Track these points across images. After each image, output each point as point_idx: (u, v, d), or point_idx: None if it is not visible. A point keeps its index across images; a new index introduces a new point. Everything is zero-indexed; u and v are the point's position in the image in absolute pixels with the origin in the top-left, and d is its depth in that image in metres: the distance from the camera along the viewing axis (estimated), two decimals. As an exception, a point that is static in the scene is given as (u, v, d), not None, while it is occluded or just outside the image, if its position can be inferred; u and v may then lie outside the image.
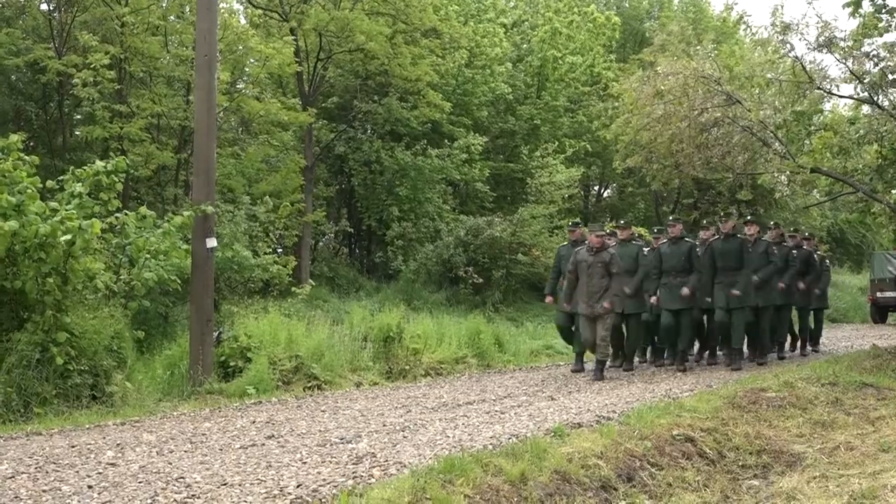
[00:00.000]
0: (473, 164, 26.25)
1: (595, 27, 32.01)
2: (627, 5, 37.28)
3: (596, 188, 36.23)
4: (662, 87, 14.72)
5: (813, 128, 15.43)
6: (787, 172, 16.20)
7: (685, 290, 13.61)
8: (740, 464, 8.29)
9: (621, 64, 32.13)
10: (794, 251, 15.62)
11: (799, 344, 16.75)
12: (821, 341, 17.60)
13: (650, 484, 7.40)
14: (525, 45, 31.19)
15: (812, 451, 8.62)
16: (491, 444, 7.34)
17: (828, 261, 17.06)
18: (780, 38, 14.70)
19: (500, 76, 28.38)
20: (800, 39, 14.63)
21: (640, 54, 31.51)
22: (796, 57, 14.90)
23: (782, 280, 14.87)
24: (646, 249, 14.22)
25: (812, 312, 17.01)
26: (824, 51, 14.41)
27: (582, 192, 32.01)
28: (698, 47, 15.83)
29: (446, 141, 26.13)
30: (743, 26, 35.96)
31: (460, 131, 26.64)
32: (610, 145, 29.15)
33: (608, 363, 13.39)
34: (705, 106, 14.55)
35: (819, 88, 14.94)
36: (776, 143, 15.16)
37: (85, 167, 11.20)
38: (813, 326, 17.16)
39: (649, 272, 13.95)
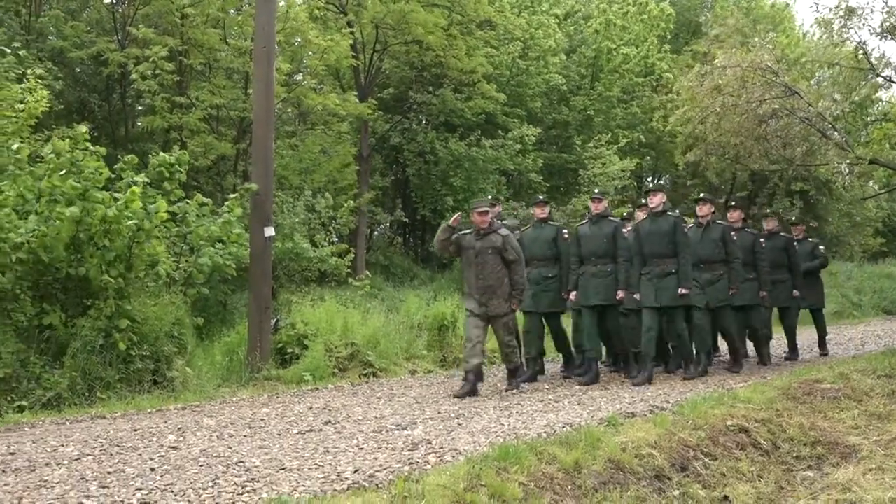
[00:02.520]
0: (527, 155, 26.14)
1: (649, 18, 31.71)
2: (682, -4, 36.93)
3: (649, 179, 35.91)
4: (720, 82, 14.51)
5: (871, 118, 15.15)
6: (847, 163, 15.83)
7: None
8: (794, 455, 8.19)
9: (675, 55, 31.90)
10: (763, 239, 12.85)
11: (788, 348, 13.91)
12: (858, 339, 16.25)
13: (704, 474, 7.34)
14: (579, 37, 30.99)
15: (868, 443, 8.49)
16: (545, 432, 7.31)
17: (822, 247, 14.62)
18: (843, 23, 14.37)
19: (554, 67, 28.22)
20: (863, 25, 14.12)
21: (694, 45, 31.34)
22: (859, 42, 14.58)
23: (752, 274, 12.37)
24: (625, 231, 11.34)
25: (813, 313, 14.59)
26: (888, 37, 14.07)
27: (635, 183, 31.70)
28: (756, 39, 15.57)
29: (500, 131, 26.02)
30: (811, 7, 35.43)
31: (514, 122, 26.53)
32: (664, 137, 29.01)
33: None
34: (763, 98, 14.30)
35: (879, 76, 14.65)
36: (835, 134, 14.86)
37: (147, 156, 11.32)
38: (805, 328, 14.88)
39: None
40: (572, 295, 11.09)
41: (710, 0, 36.85)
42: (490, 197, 12.61)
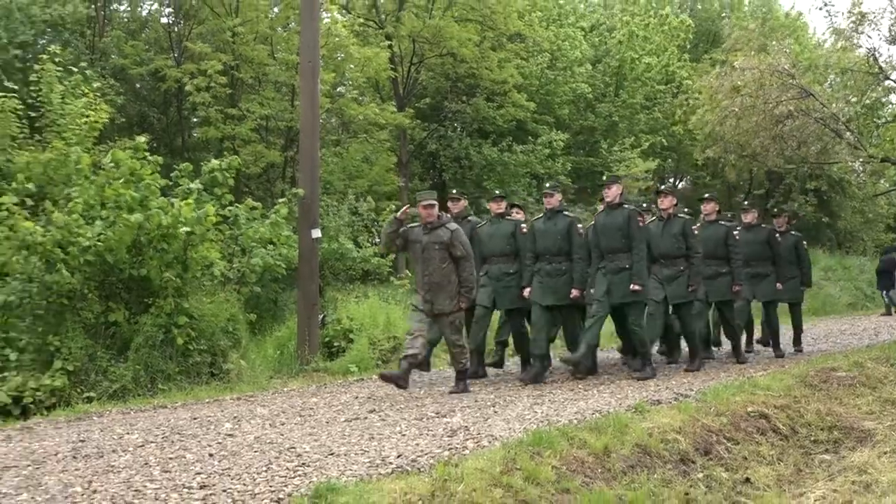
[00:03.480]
0: (556, 159, 26.08)
1: (670, 29, 31.55)
2: (700, 7, 36.65)
3: (671, 180, 35.70)
4: (739, 83, 14.39)
5: (882, 120, 14.97)
6: (859, 161, 15.65)
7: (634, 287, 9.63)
8: (812, 439, 8.13)
9: (694, 63, 31.75)
10: (737, 232, 11.59)
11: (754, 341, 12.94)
12: (871, 329, 15.07)
13: (726, 457, 7.30)
14: (603, 48, 30.89)
15: (882, 427, 8.41)
16: (575, 419, 7.30)
17: (805, 242, 13.19)
18: (855, 28, 14.24)
19: (580, 76, 28.14)
20: (873, 29, 13.96)
21: (713, 53, 31.13)
22: (870, 48, 14.43)
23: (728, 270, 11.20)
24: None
25: (790, 308, 13.14)
26: (896, 44, 13.93)
27: (657, 184, 31.56)
28: (774, 43, 15.44)
29: (530, 137, 25.99)
30: (825, 14, 35.19)
31: (543, 128, 26.49)
32: (684, 140, 28.88)
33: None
34: (780, 99, 14.15)
35: (888, 79, 14.48)
36: (848, 135, 14.69)
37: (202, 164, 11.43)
38: (784, 323, 13.06)
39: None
40: (526, 291, 9.99)
41: (727, 10, 36.64)
42: (455, 191, 11.29)
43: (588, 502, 5.60)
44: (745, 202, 14.21)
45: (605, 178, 10.84)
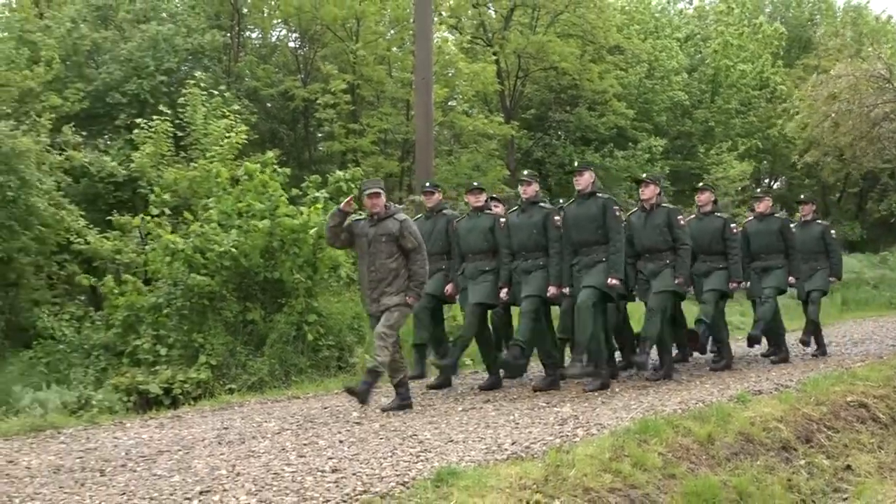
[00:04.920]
0: (655, 164, 25.70)
1: (763, 37, 30.80)
2: (791, 14, 35.65)
3: (766, 181, 34.81)
4: (835, 90, 13.94)
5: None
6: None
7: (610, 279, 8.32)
8: (913, 428, 7.81)
9: (788, 69, 30.97)
10: (734, 225, 10.22)
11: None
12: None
13: (827, 445, 7.10)
14: (698, 56, 30.33)
15: (983, 415, 8.04)
16: (680, 408, 7.18)
17: (833, 231, 11.59)
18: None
19: (677, 85, 27.69)
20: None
21: (805, 59, 30.30)
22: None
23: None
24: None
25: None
26: None
27: (753, 185, 30.81)
28: (869, 49, 14.92)
29: (630, 143, 25.70)
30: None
31: (642, 135, 26.16)
32: (779, 142, 28.16)
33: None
34: (876, 103, 13.64)
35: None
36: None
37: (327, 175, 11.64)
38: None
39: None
40: (503, 292, 8.67)
41: (818, 17, 35.60)
42: (428, 185, 9.65)
43: (694, 487, 5.50)
44: (759, 190, 12.77)
45: (576, 164, 9.39)
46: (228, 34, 20.87)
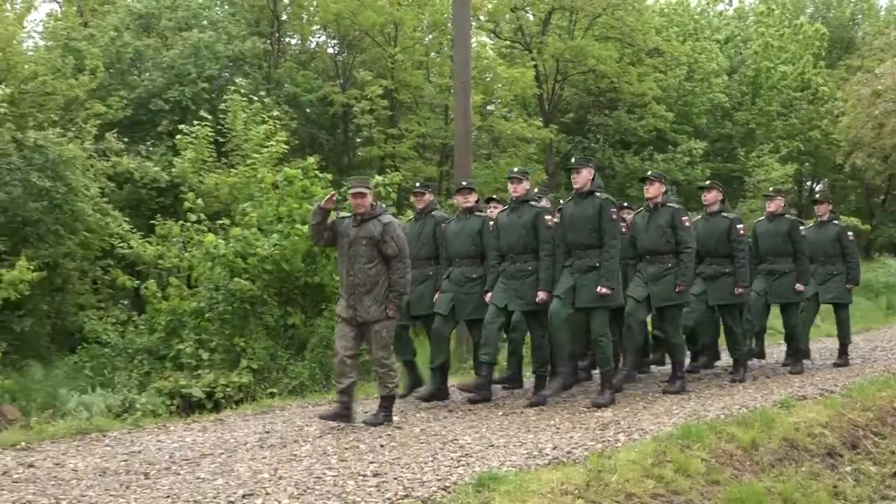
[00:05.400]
0: (695, 166, 25.51)
1: (804, 38, 30.43)
2: (832, 14, 35.23)
3: (808, 183, 34.42)
4: (880, 87, 13.72)
5: None
6: None
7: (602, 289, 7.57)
8: (962, 434, 7.64)
9: (830, 70, 30.58)
10: (740, 225, 9.19)
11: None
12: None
13: (874, 452, 6.98)
14: (738, 58, 30.06)
15: None
16: (723, 413, 7.08)
17: (851, 233, 10.58)
18: None
19: (717, 87, 27.46)
20: None
21: (848, 59, 29.89)
22: None
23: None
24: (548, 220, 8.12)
25: (836, 309, 10.42)
26: None
27: (795, 188, 30.50)
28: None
29: (670, 146, 25.54)
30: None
31: (682, 137, 25.98)
32: (821, 143, 27.83)
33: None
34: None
35: None
36: None
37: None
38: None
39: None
40: (488, 297, 7.98)
41: (860, 16, 35.14)
42: (419, 184, 9.02)
43: (738, 494, 5.43)
44: (770, 189, 11.16)
45: (573, 160, 8.46)
46: (268, 41, 21.04)
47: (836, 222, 10.50)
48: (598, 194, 7.82)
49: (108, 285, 13.61)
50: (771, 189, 10.88)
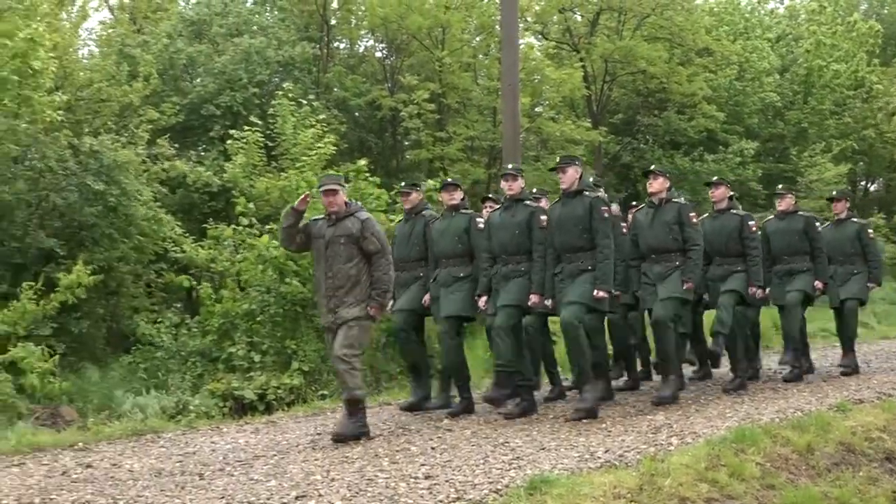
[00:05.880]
0: (746, 167, 25.19)
1: (858, 35, 29.88)
2: (887, 11, 34.58)
3: (863, 183, 33.83)
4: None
5: None
6: None
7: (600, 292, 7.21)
8: None
9: (884, 67, 30.03)
10: (752, 222, 8.88)
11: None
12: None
13: (934, 456, 6.81)
14: (790, 57, 29.63)
15: None
16: (777, 417, 7.00)
17: (871, 231, 10.23)
18: None
19: (769, 86, 27.06)
20: None
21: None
22: None
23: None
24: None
25: (845, 308, 9.74)
26: None
27: (849, 187, 29.98)
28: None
29: (721, 147, 25.24)
30: None
31: (733, 138, 25.64)
32: (876, 142, 27.31)
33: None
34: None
35: None
36: None
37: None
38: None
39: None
40: (482, 301, 7.63)
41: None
42: (405, 184, 8.76)
43: (794, 498, 5.36)
44: (780, 186, 10.66)
45: (558, 160, 7.77)
46: (317, 45, 21.19)
47: (855, 220, 10.12)
48: (587, 193, 7.41)
49: (161, 289, 13.79)
50: (780, 187, 10.50)
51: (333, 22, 22.22)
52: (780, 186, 10.43)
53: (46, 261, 11.56)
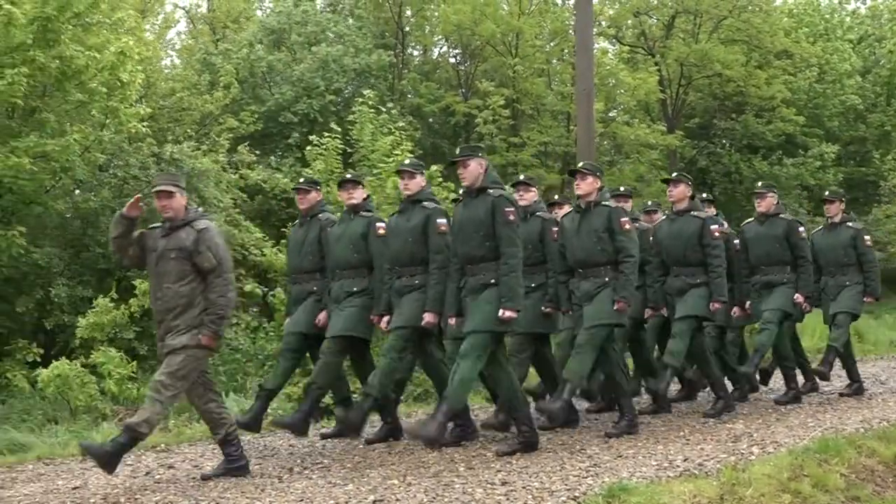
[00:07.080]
0: (827, 171, 24.64)
1: (944, 35, 29.06)
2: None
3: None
4: None
5: None
6: None
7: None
8: None
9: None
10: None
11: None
12: None
13: None
14: (872, 58, 28.90)
15: None
16: (862, 427, 6.81)
17: (867, 237, 8.79)
18: None
19: (850, 88, 26.43)
20: None
21: None
22: None
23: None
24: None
25: (835, 320, 8.49)
26: None
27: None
28: None
29: (800, 150, 24.73)
30: None
31: (813, 141, 25.11)
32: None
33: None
34: None
35: None
36: None
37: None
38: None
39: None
40: (383, 322, 6.50)
41: None
42: (302, 179, 7.64)
43: (881, 511, 5.21)
44: (759, 184, 9.11)
45: (457, 151, 6.43)
46: (393, 53, 21.37)
47: (851, 224, 8.76)
48: (490, 191, 6.06)
49: (240, 294, 14.01)
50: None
51: (408, 29, 22.39)
52: (759, 184, 9.03)
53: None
